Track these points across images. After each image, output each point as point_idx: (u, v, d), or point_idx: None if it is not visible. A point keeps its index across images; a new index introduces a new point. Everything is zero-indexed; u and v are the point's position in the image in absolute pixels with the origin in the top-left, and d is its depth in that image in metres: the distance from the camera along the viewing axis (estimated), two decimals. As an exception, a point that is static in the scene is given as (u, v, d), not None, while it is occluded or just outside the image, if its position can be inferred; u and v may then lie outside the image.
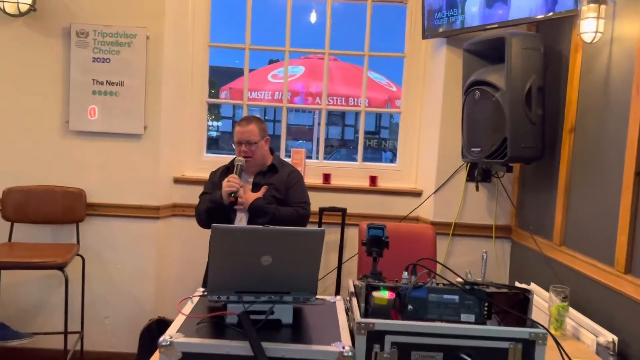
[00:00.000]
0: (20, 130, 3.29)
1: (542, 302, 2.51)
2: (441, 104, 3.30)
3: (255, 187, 2.80)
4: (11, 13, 3.10)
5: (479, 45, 2.93)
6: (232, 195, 2.66)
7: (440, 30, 3.24)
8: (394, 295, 1.72)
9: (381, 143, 15.77)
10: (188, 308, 1.80)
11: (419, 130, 3.62)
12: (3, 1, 3.06)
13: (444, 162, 3.33)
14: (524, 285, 2.55)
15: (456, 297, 1.77)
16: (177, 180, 3.52)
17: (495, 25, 2.97)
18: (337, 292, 3.42)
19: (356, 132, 27.27)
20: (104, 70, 3.28)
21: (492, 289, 1.78)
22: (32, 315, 3.36)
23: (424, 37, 3.36)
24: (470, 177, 3.32)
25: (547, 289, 2.33)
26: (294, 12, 3.56)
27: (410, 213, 3.50)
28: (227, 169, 2.89)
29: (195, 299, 1.88)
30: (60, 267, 2.90)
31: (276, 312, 1.80)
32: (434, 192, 3.35)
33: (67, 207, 3.27)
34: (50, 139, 3.31)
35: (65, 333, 2.99)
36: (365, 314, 1.75)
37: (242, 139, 2.80)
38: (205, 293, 1.80)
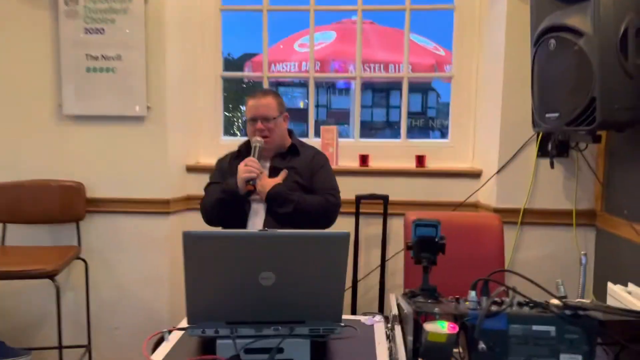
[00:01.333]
0: (8, 118, 2.87)
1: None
2: (503, 62, 2.66)
3: (273, 173, 2.28)
4: (-12, -19, 2.67)
5: (554, -21, 2.27)
6: (251, 182, 2.16)
7: (500, -31, 2.58)
8: (456, 328, 1.15)
9: (428, 122, 14.92)
10: (163, 350, 1.29)
11: (475, 97, 2.98)
12: (-23, -33, 2.62)
13: (509, 135, 2.69)
14: (620, 287, 1.92)
15: (552, 329, 1.18)
16: (191, 169, 3.03)
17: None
18: (380, 301, 2.86)
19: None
20: (98, 43, 2.81)
21: (608, 316, 1.19)
22: (32, 328, 2.97)
23: (479, -20, 2.72)
24: (542, 152, 2.67)
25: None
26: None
27: (467, 199, 2.89)
28: (239, 154, 2.38)
29: (174, 336, 1.36)
30: (50, 276, 2.46)
31: (286, 350, 1.28)
32: (497, 172, 2.72)
33: (64, 204, 2.84)
34: (42, 126, 2.87)
35: (60, 348, 2.56)
36: (414, 355, 1.20)
37: (258, 114, 2.29)
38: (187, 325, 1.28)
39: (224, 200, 2.23)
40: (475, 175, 2.91)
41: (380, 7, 3.09)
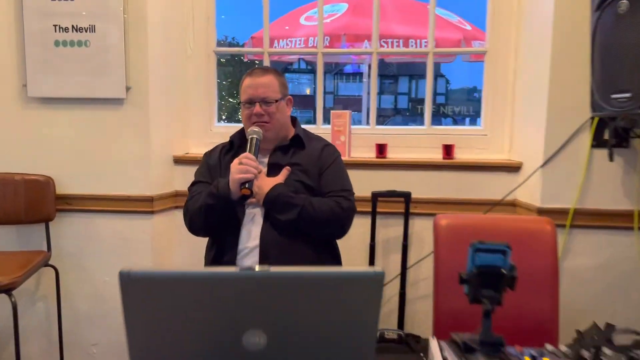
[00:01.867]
0: (-36, 100, 2.45)
1: None
2: (551, 32, 2.20)
3: (273, 171, 1.84)
4: None
5: None
6: (247, 185, 1.71)
7: None
8: None
9: (439, 109, 14.42)
10: None
11: (514, 75, 2.52)
12: None
13: (557, 120, 2.24)
14: None
15: None
16: (179, 160, 2.60)
17: None
18: (400, 315, 2.44)
19: (410, 100, 25.69)
20: (68, 11, 2.37)
21: None
22: (-5, 345, 2.57)
23: None
24: (597, 141, 2.22)
25: None
26: None
27: (505, 197, 2.44)
28: (231, 147, 1.94)
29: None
30: (6, 291, 2.05)
31: None
32: (542, 165, 2.27)
33: (30, 202, 2.42)
34: (5, 110, 2.45)
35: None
36: None
37: (256, 95, 1.84)
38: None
39: (212, 207, 1.76)
40: (513, 168, 2.46)
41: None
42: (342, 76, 24.64)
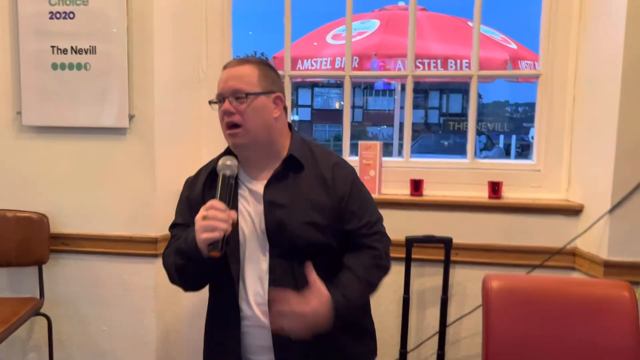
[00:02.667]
0: (-46, 129, 2.23)
1: None
2: (622, 57, 1.85)
3: (272, 210, 1.41)
4: None
5: None
6: (215, 247, 1.28)
7: None
8: None
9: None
10: None
11: (573, 103, 2.17)
12: None
13: (628, 157, 1.88)
14: None
15: None
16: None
17: None
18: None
19: (441, 114, 25.15)
20: (68, 30, 2.13)
21: None
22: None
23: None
24: (680, 184, 1.86)
25: None
26: None
27: (567, 245, 2.08)
28: (212, 178, 1.48)
29: None
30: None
31: None
32: (611, 210, 1.91)
33: (22, 242, 2.17)
34: (-4, 139, 2.22)
35: None
36: None
37: (226, 88, 1.39)
38: None
39: (183, 267, 1.39)
40: (573, 212, 2.10)
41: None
42: (372, 91, 24.28)
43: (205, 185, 1.49)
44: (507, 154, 12.73)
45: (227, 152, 1.48)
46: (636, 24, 1.83)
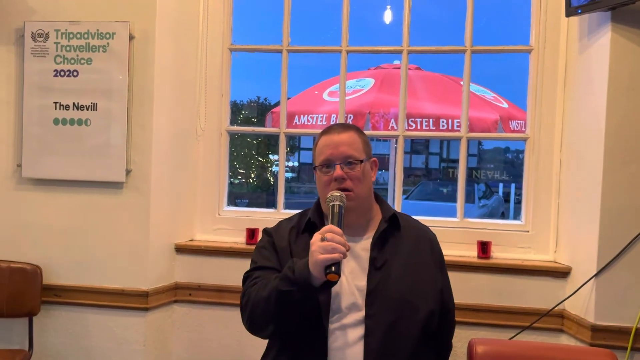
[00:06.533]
0: (-46, 179, 2.28)
1: None
2: (604, 124, 1.92)
3: (376, 270, 1.42)
4: None
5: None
6: (333, 269, 1.26)
7: (602, -4, 1.87)
8: None
9: (471, 173, 14.04)
10: None
11: (560, 166, 2.23)
12: None
13: (612, 222, 1.92)
14: None
15: None
16: (182, 249, 2.35)
17: None
18: None
19: (442, 160, 25.29)
20: (70, 87, 2.21)
21: None
22: None
23: (570, 12, 2.01)
24: (663, 250, 1.89)
25: None
26: (359, 8, 2.35)
27: (554, 308, 2.09)
28: (306, 227, 1.51)
29: None
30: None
31: None
32: (597, 274, 1.93)
33: (14, 293, 2.19)
34: (-5, 190, 2.26)
35: None
36: None
37: (336, 154, 1.45)
38: None
39: (286, 295, 1.31)
40: (560, 274, 2.13)
41: (431, 49, 2.38)
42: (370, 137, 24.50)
43: (291, 235, 1.52)
44: (506, 201, 12.75)
45: (316, 210, 1.53)
46: (617, 92, 1.90)
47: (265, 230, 1.59)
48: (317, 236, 1.31)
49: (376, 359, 1.34)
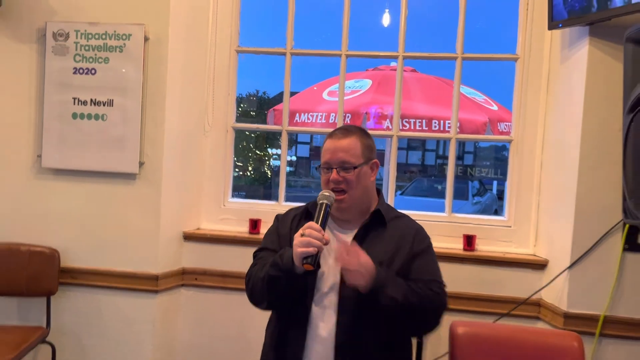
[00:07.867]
0: (-22, 168, 2.45)
1: None
2: (580, 129, 2.10)
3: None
4: (-36, 9, 2.29)
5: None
6: (309, 261, 1.46)
7: (582, 14, 2.05)
8: None
9: (466, 171, 14.20)
10: None
11: (541, 166, 2.41)
12: (-48, -7, 2.25)
13: (585, 220, 2.10)
14: None
15: None
16: (189, 237, 2.52)
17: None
18: None
19: (438, 157, 25.48)
20: (89, 84, 2.37)
21: None
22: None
23: (553, 26, 2.18)
24: (630, 245, 2.07)
25: None
26: (358, 11, 2.52)
27: (530, 297, 2.28)
28: (307, 213, 1.72)
29: None
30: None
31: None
32: (570, 267, 2.12)
33: (33, 274, 2.36)
34: (16, 179, 2.43)
35: None
36: None
37: (334, 159, 1.63)
38: None
39: (275, 279, 1.54)
40: (538, 266, 2.31)
41: (425, 55, 2.57)
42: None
43: (293, 221, 1.71)
44: (500, 199, 12.90)
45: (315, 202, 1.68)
46: (593, 101, 2.07)
47: (276, 217, 1.80)
48: (300, 231, 1.51)
49: (346, 331, 1.55)
